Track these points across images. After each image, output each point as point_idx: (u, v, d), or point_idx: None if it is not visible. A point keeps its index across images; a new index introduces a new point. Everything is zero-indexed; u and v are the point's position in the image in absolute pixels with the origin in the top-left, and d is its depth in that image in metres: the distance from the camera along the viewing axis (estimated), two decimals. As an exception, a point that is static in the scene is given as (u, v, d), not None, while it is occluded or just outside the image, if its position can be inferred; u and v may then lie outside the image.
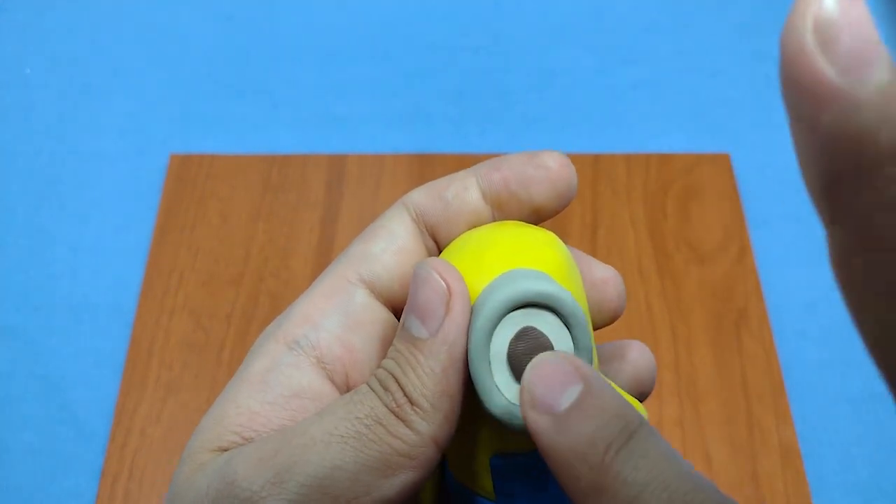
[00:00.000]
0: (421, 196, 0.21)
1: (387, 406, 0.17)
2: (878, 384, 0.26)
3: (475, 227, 0.21)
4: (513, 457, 0.19)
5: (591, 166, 0.52)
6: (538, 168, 0.20)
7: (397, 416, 0.17)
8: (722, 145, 0.53)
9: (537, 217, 0.21)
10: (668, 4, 0.60)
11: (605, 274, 0.21)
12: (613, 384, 0.17)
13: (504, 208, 0.21)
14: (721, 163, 0.52)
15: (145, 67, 0.57)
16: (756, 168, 0.52)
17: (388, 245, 0.20)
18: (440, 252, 0.21)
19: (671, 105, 0.55)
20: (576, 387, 0.16)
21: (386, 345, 0.20)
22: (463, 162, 0.52)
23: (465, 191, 0.21)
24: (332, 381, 0.19)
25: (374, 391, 0.17)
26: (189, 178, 0.51)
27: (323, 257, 0.48)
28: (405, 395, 0.17)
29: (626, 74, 0.56)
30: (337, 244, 0.49)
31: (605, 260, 0.23)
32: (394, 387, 0.17)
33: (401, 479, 0.17)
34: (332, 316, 0.20)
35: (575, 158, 0.51)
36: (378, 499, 0.17)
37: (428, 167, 0.51)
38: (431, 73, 0.56)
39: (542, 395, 0.16)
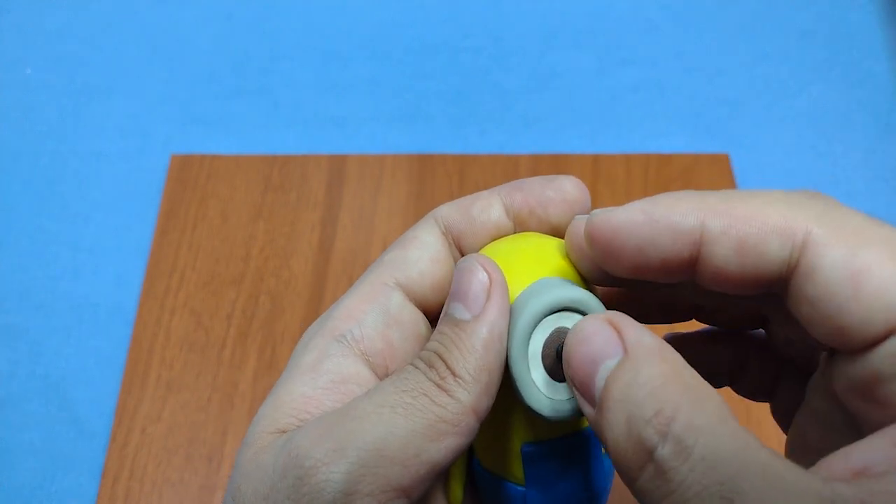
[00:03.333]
0: (449, 211, 0.23)
1: (431, 380, 0.19)
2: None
3: (497, 238, 0.23)
4: (542, 444, 0.22)
5: (591, 167, 0.52)
6: (556, 191, 0.23)
7: (440, 388, 0.19)
8: (721, 146, 0.53)
9: (555, 233, 0.23)
10: (667, 5, 0.60)
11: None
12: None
13: (524, 225, 0.23)
14: (720, 163, 0.52)
15: (145, 67, 0.57)
16: (755, 168, 0.52)
17: (423, 253, 0.22)
18: None
19: (670, 105, 0.55)
20: (611, 360, 0.17)
21: (419, 341, 0.22)
22: (463, 162, 0.52)
23: (489, 207, 0.23)
24: (375, 372, 0.21)
25: (418, 369, 0.19)
26: (190, 179, 0.51)
27: (323, 257, 0.48)
28: (448, 368, 0.19)
29: (625, 75, 0.57)
30: (337, 244, 0.49)
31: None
32: (438, 363, 0.19)
33: (446, 444, 0.19)
34: (372, 314, 0.22)
35: (574, 159, 0.52)
36: (427, 461, 0.18)
37: (428, 167, 0.51)
38: (431, 73, 0.57)
39: (581, 382, 0.18)
